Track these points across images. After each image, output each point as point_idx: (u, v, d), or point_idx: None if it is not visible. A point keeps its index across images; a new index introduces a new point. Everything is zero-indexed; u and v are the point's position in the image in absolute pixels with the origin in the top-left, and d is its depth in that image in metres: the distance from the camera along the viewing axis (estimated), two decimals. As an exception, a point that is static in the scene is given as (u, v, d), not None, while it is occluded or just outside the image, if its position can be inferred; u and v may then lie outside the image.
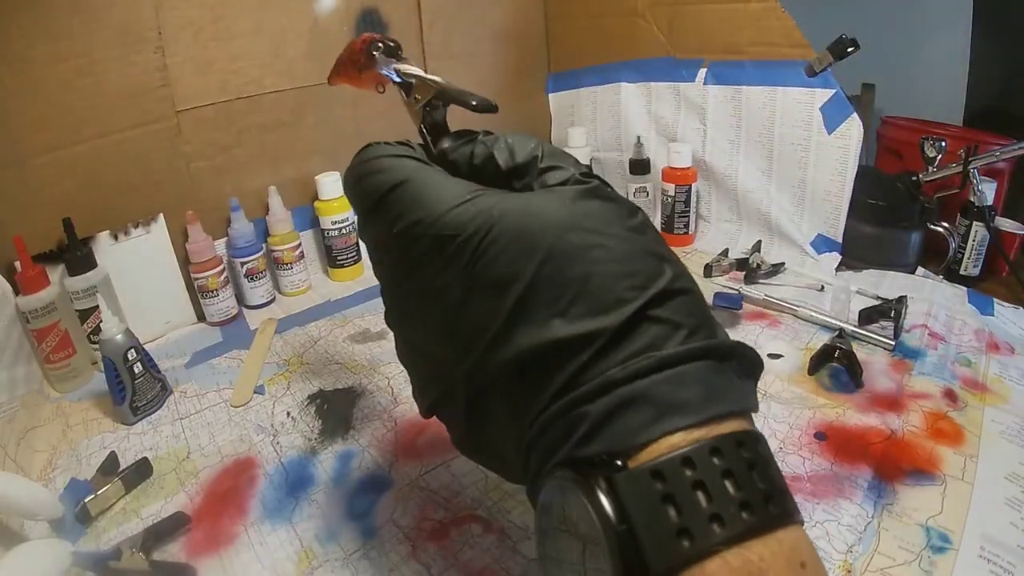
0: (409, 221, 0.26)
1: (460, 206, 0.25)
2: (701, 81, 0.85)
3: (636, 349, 0.22)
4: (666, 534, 0.19)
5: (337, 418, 0.56)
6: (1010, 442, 0.48)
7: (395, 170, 0.28)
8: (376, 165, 0.29)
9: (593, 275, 0.23)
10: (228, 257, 0.78)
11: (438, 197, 0.26)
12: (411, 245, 0.26)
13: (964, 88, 0.96)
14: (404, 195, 0.27)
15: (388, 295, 0.32)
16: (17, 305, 0.60)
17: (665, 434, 0.20)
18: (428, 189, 0.27)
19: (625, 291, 0.23)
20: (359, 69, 0.43)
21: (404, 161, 0.29)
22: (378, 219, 0.28)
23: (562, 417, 0.22)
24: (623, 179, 1.00)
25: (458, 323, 0.26)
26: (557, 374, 0.23)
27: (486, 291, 0.24)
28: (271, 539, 0.44)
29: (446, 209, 0.26)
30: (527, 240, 0.24)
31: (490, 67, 0.99)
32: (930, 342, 0.62)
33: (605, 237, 0.24)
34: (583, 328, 0.22)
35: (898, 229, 0.77)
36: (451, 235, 0.25)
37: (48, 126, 0.63)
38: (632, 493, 0.19)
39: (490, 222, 0.25)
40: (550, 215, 0.24)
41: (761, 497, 0.20)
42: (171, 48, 0.69)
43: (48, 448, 0.55)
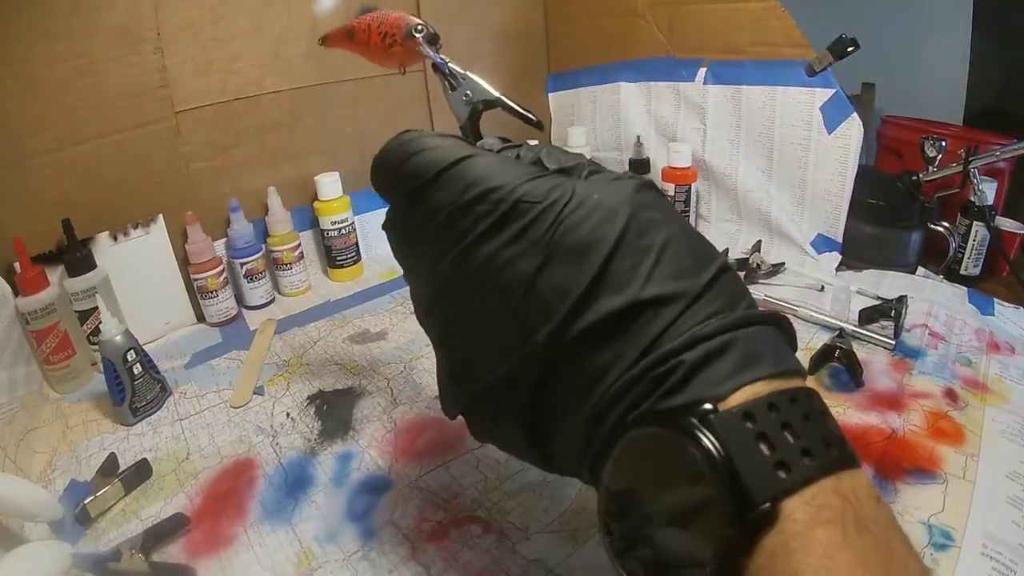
0: (484, 188, 0.26)
1: (536, 179, 0.26)
2: (701, 81, 0.85)
3: (712, 311, 0.24)
4: (764, 467, 0.20)
5: (337, 419, 0.56)
6: (1011, 441, 0.48)
7: (453, 148, 0.28)
8: (425, 143, 0.28)
9: (670, 243, 0.25)
10: (227, 258, 0.78)
11: (509, 171, 0.27)
12: (481, 214, 0.26)
13: (964, 88, 0.96)
14: (472, 167, 0.27)
15: (430, 278, 0.30)
16: (17, 306, 0.60)
17: (748, 383, 0.22)
18: (496, 164, 0.27)
19: (698, 261, 0.25)
20: (389, 43, 0.42)
21: (456, 141, 0.29)
22: (435, 193, 0.27)
23: (649, 372, 0.23)
24: (623, 179, 1.00)
25: (533, 292, 0.25)
26: (643, 333, 0.24)
27: (568, 256, 0.25)
28: (271, 540, 0.44)
29: (522, 180, 0.26)
30: (608, 209, 0.25)
31: (490, 67, 0.99)
32: (930, 342, 0.61)
33: (671, 217, 0.26)
34: (668, 289, 0.24)
35: (898, 229, 0.77)
36: (533, 201, 0.25)
37: (48, 126, 0.63)
38: (729, 431, 0.21)
39: (570, 193, 0.25)
40: (622, 195, 0.26)
41: (836, 438, 0.22)
42: (170, 48, 0.69)
43: (48, 449, 0.55)
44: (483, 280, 0.27)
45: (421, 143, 0.29)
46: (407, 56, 0.42)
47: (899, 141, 0.87)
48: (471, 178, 0.27)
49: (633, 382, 0.23)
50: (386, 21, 0.42)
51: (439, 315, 0.31)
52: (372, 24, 0.44)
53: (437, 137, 0.29)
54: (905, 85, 0.98)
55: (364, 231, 0.91)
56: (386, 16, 0.42)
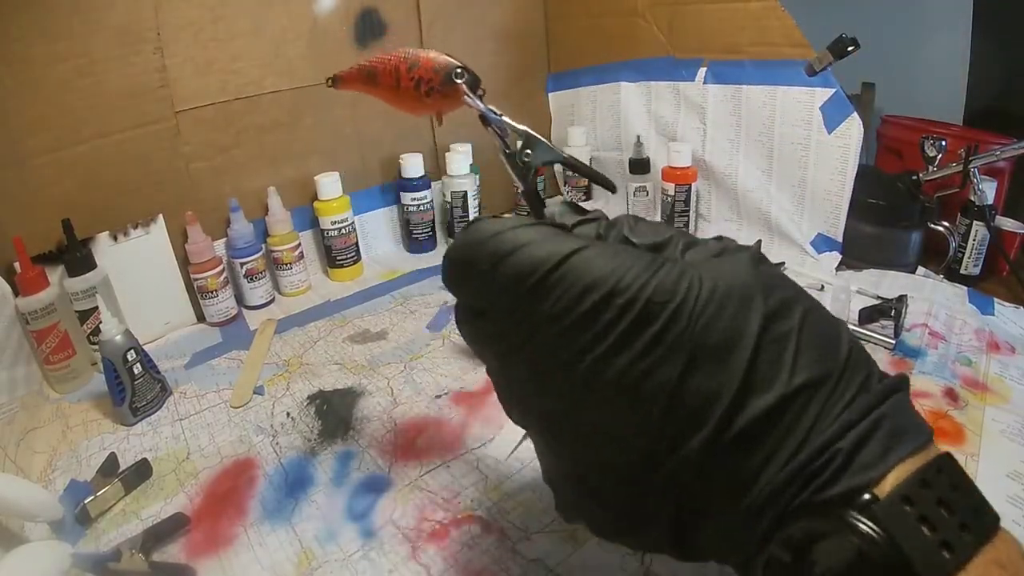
0: (606, 292, 0.23)
1: (658, 271, 0.23)
2: (701, 81, 0.85)
3: (855, 390, 0.23)
4: (931, 550, 0.20)
5: (337, 419, 0.56)
6: (1011, 441, 0.48)
7: (551, 242, 0.24)
8: (516, 239, 0.25)
9: (806, 322, 0.24)
10: (227, 258, 0.78)
11: (623, 264, 0.23)
12: (608, 324, 0.23)
13: (964, 88, 0.96)
14: (584, 267, 0.23)
15: (543, 392, 0.26)
16: (17, 306, 0.60)
17: (899, 461, 0.22)
18: (607, 257, 0.23)
19: (831, 333, 0.24)
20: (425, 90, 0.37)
21: (548, 231, 0.25)
22: (544, 302, 0.24)
23: (806, 467, 0.22)
24: (623, 178, 1.00)
25: (678, 400, 0.23)
26: (796, 427, 0.23)
27: (711, 357, 0.22)
28: (271, 540, 0.44)
29: (643, 275, 0.23)
30: (741, 296, 0.23)
31: (490, 67, 0.99)
32: (930, 341, 0.61)
33: (794, 288, 0.25)
34: (814, 374, 0.23)
35: (898, 228, 0.77)
36: (663, 301, 0.22)
37: (48, 126, 0.63)
38: (893, 520, 0.21)
39: (698, 283, 0.23)
40: (746, 275, 0.24)
41: (981, 503, 0.22)
42: (170, 48, 0.69)
43: (48, 449, 0.55)
44: (618, 395, 0.23)
45: (511, 240, 0.25)
46: (445, 105, 0.38)
47: (899, 141, 0.87)
48: (587, 280, 0.23)
49: (790, 478, 0.22)
50: (418, 63, 0.37)
51: (559, 429, 0.27)
52: (400, 66, 0.38)
53: (524, 228, 0.25)
54: (905, 85, 0.98)
55: (364, 231, 0.91)
56: (416, 57, 0.37)
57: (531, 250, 0.24)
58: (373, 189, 0.92)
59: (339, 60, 0.83)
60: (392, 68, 0.38)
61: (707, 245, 0.27)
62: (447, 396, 0.58)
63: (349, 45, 0.84)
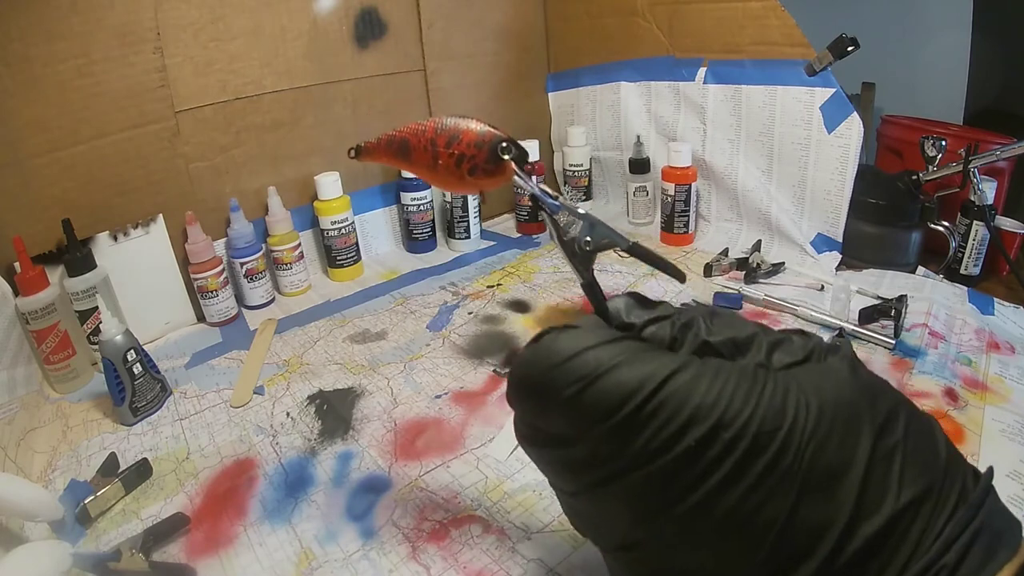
0: (712, 425, 0.21)
1: (763, 394, 0.21)
2: (701, 80, 0.85)
3: (955, 499, 0.22)
4: None
5: (337, 418, 0.56)
6: (1011, 440, 0.48)
7: (636, 363, 0.22)
8: (596, 361, 0.22)
9: (909, 432, 0.22)
10: (227, 257, 0.78)
11: (726, 390, 0.21)
12: (714, 460, 0.21)
13: (964, 87, 0.96)
14: (679, 396, 0.21)
15: (634, 525, 0.23)
16: (17, 306, 0.60)
17: (999, 569, 0.21)
18: (705, 383, 0.21)
19: (931, 437, 0.23)
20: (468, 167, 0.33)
21: (627, 347, 0.23)
22: (639, 435, 0.21)
23: None
24: (623, 178, 1.00)
25: (789, 531, 0.21)
26: (901, 548, 0.21)
27: (821, 485, 0.21)
28: (271, 540, 0.44)
29: (751, 402, 0.21)
30: (849, 417, 0.22)
31: (490, 67, 0.99)
32: (930, 341, 0.61)
33: (896, 397, 0.23)
34: (919, 488, 0.22)
35: (898, 228, 0.77)
36: (771, 431, 0.21)
37: (48, 126, 0.63)
38: None
39: (804, 407, 0.21)
40: (850, 390, 0.22)
41: None
42: (170, 48, 0.69)
43: (48, 449, 0.55)
44: (723, 530, 0.22)
45: (594, 362, 0.22)
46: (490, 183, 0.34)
47: (899, 140, 0.87)
48: (688, 412, 0.21)
49: None
50: (458, 138, 0.33)
51: (651, 560, 0.25)
52: (438, 140, 0.35)
53: (606, 347, 0.23)
54: (905, 85, 0.98)
55: (364, 231, 0.91)
56: (455, 129, 0.34)
57: (620, 376, 0.22)
58: (373, 189, 0.92)
59: (339, 60, 0.84)
60: (427, 142, 0.34)
61: (792, 343, 0.25)
62: (447, 396, 0.58)
63: (349, 45, 0.84)
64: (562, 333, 0.24)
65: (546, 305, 0.74)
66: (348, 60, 0.84)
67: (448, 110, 0.96)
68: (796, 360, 0.24)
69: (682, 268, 0.81)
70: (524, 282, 0.80)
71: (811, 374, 0.23)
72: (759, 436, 0.21)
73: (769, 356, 0.24)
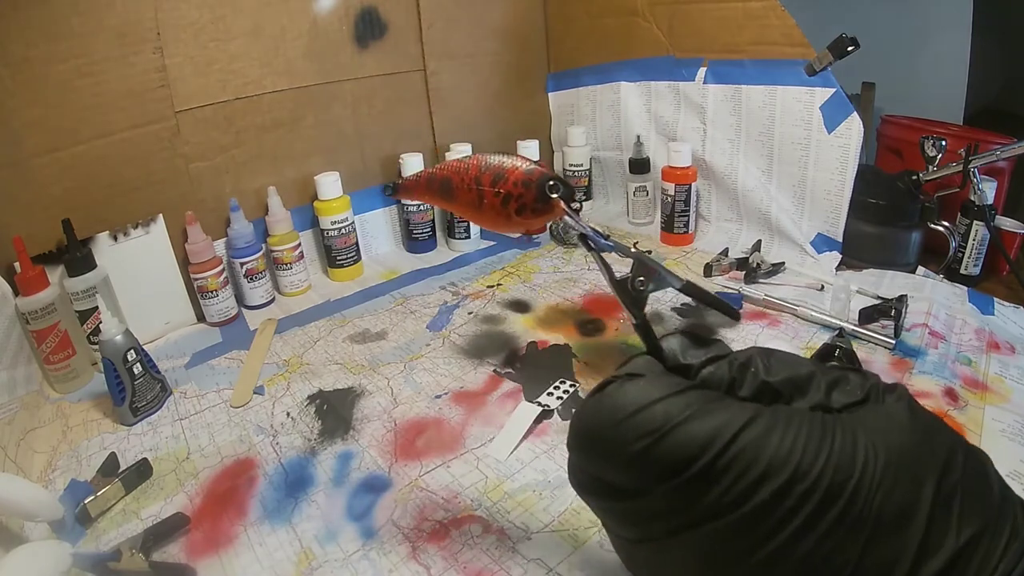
0: (786, 479, 0.21)
1: (833, 444, 0.21)
2: (701, 80, 0.85)
3: (1008, 532, 0.22)
4: None
5: (337, 418, 0.56)
6: (1011, 440, 0.48)
7: (706, 416, 0.22)
8: (664, 415, 0.22)
9: (967, 470, 0.23)
10: (228, 257, 0.78)
11: (799, 443, 0.21)
12: (789, 512, 0.21)
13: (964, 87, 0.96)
14: (752, 450, 0.21)
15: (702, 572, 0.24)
16: (17, 306, 0.60)
17: None
18: (777, 435, 0.22)
19: (984, 474, 0.23)
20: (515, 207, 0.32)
21: (694, 397, 0.23)
22: (711, 489, 0.21)
23: None
24: (623, 178, 1.00)
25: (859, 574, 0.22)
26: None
27: (889, 528, 0.21)
28: (271, 540, 0.44)
29: (823, 454, 0.21)
30: (914, 463, 0.22)
31: (490, 67, 0.99)
32: (930, 341, 0.61)
33: (952, 436, 0.23)
34: (977, 525, 0.22)
35: (898, 228, 0.77)
36: (842, 481, 0.21)
37: (48, 126, 0.63)
38: None
39: (873, 454, 0.22)
40: (912, 435, 0.23)
41: None
42: (170, 48, 0.69)
43: (48, 449, 0.55)
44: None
45: (662, 416, 0.22)
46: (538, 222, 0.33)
47: (899, 140, 0.87)
48: (762, 466, 0.21)
49: None
50: (503, 176, 0.32)
51: None
52: (482, 178, 0.33)
53: (673, 399, 0.23)
54: (905, 85, 0.98)
55: (364, 231, 0.91)
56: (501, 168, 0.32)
57: (691, 430, 0.22)
58: (373, 189, 0.92)
59: (339, 60, 0.84)
60: (471, 181, 0.33)
61: (849, 383, 0.24)
62: (447, 396, 0.58)
63: (349, 45, 0.84)
64: (627, 383, 0.24)
65: (546, 305, 0.74)
66: (348, 60, 0.84)
67: (448, 110, 0.96)
68: (856, 400, 0.24)
69: (682, 268, 0.82)
70: (524, 282, 0.80)
71: (874, 418, 0.23)
72: (832, 487, 0.21)
73: (828, 396, 0.24)
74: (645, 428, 0.22)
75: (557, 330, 0.68)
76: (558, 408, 0.55)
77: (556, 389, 0.57)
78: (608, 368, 0.61)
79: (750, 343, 0.63)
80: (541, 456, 0.50)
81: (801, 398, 0.24)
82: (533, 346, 0.66)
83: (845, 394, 0.24)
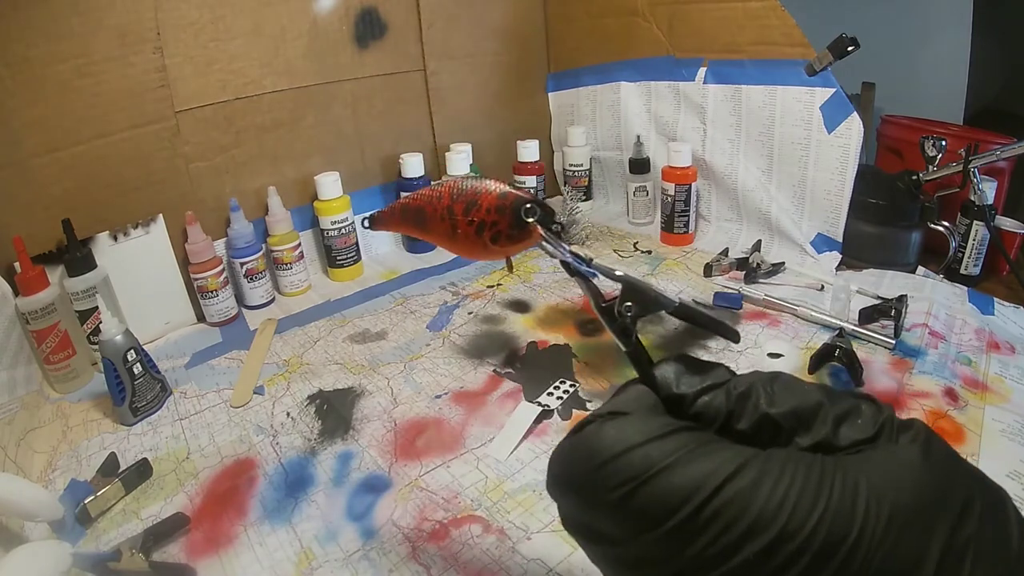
0: (770, 539, 0.19)
1: (830, 498, 0.20)
2: (701, 80, 0.85)
3: None
4: None
5: (337, 418, 0.56)
6: (1011, 440, 0.48)
7: (691, 463, 0.20)
8: (645, 460, 0.21)
9: (984, 523, 0.20)
10: (228, 257, 0.78)
11: (790, 496, 0.20)
12: (776, 569, 0.19)
13: (964, 87, 0.96)
14: (738, 503, 0.19)
15: None
16: (17, 306, 0.60)
17: None
18: (767, 487, 0.20)
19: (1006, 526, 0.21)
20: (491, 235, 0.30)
21: (681, 440, 0.21)
22: (690, 539, 0.20)
23: None
24: (623, 178, 1.00)
25: None
26: None
27: None
28: (271, 540, 0.44)
29: (817, 508, 0.19)
30: (921, 517, 0.20)
31: (490, 67, 0.99)
32: (930, 341, 0.61)
33: (972, 484, 0.21)
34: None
35: (898, 228, 0.77)
36: (838, 540, 0.19)
37: (48, 126, 0.63)
38: None
39: (875, 507, 0.20)
40: (923, 485, 0.20)
41: None
42: (170, 48, 0.69)
43: (48, 449, 0.55)
44: None
45: (643, 461, 0.21)
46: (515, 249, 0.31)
47: (899, 140, 0.87)
48: (748, 520, 0.19)
49: None
50: (476, 203, 0.30)
51: None
52: (455, 207, 0.31)
53: (657, 443, 0.21)
54: (905, 85, 0.98)
55: (364, 231, 0.91)
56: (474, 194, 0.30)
57: (672, 479, 0.20)
58: (373, 189, 0.92)
59: (339, 60, 0.84)
60: (444, 211, 0.31)
61: (861, 414, 0.22)
62: (447, 396, 0.58)
63: (349, 45, 0.84)
64: (607, 424, 0.22)
65: (546, 305, 0.74)
66: (348, 60, 0.84)
67: (448, 110, 0.96)
68: (866, 437, 0.22)
69: (682, 268, 0.82)
70: (524, 282, 0.80)
71: (882, 462, 0.21)
72: (825, 545, 0.19)
73: (836, 430, 0.22)
74: (623, 476, 0.21)
75: (557, 330, 0.68)
76: (558, 408, 0.55)
77: (556, 389, 0.57)
78: (608, 369, 0.61)
79: (750, 343, 0.63)
80: (541, 456, 0.50)
81: (805, 433, 0.22)
82: (533, 346, 0.66)
83: (855, 429, 0.22)
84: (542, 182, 1.01)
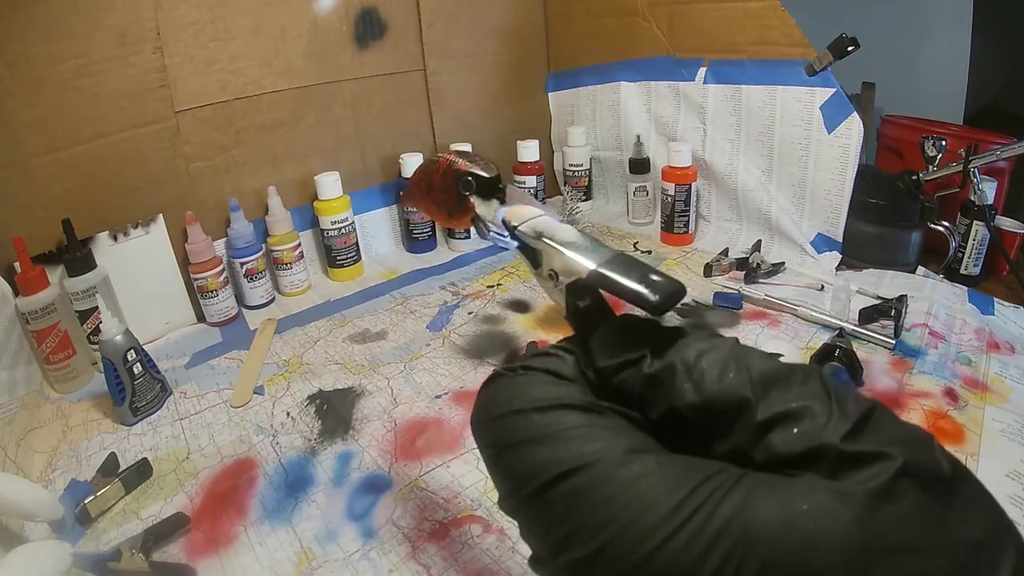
0: (596, 546, 0.17)
1: (682, 525, 0.16)
2: (701, 80, 0.85)
3: None
4: None
5: (337, 418, 0.56)
6: (1011, 440, 0.48)
7: (558, 441, 0.18)
8: (527, 426, 0.19)
9: None
10: (228, 257, 0.78)
11: (637, 504, 0.16)
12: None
13: (964, 87, 0.96)
14: (581, 496, 0.17)
15: None
16: (17, 306, 0.60)
17: None
18: (616, 488, 0.17)
19: None
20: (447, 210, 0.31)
21: (564, 418, 0.19)
22: (536, 517, 0.19)
23: None
24: (623, 178, 1.00)
25: None
26: None
27: None
28: (271, 540, 0.44)
29: (659, 531, 0.16)
30: None
31: (490, 67, 0.99)
32: (930, 341, 0.61)
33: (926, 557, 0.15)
34: None
35: (898, 228, 0.77)
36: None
37: (48, 126, 0.63)
38: None
39: (739, 554, 0.15)
40: (834, 539, 0.15)
41: None
42: (170, 48, 0.69)
43: (48, 449, 0.55)
44: None
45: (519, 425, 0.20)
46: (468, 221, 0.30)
47: (899, 140, 0.87)
48: (576, 520, 0.17)
49: None
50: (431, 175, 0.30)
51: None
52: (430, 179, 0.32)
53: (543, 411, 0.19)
54: (905, 85, 0.98)
55: (364, 231, 0.91)
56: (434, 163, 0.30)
57: (537, 452, 0.19)
58: (373, 189, 0.92)
59: (339, 60, 0.84)
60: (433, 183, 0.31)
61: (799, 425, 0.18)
62: (447, 396, 0.58)
63: (349, 45, 0.84)
64: (510, 381, 0.21)
65: (546, 305, 0.74)
66: (348, 60, 0.84)
67: (448, 110, 0.96)
68: (792, 453, 0.17)
69: (682, 268, 0.82)
70: (524, 282, 0.80)
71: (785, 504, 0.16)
72: None
73: (760, 436, 0.18)
74: (495, 436, 0.20)
75: (557, 330, 0.68)
76: (558, 408, 0.55)
77: (556, 389, 0.57)
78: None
79: (750, 343, 0.63)
80: (541, 456, 0.50)
81: (722, 438, 0.18)
82: (533, 346, 0.66)
83: (786, 442, 0.17)
84: (542, 182, 1.01)
